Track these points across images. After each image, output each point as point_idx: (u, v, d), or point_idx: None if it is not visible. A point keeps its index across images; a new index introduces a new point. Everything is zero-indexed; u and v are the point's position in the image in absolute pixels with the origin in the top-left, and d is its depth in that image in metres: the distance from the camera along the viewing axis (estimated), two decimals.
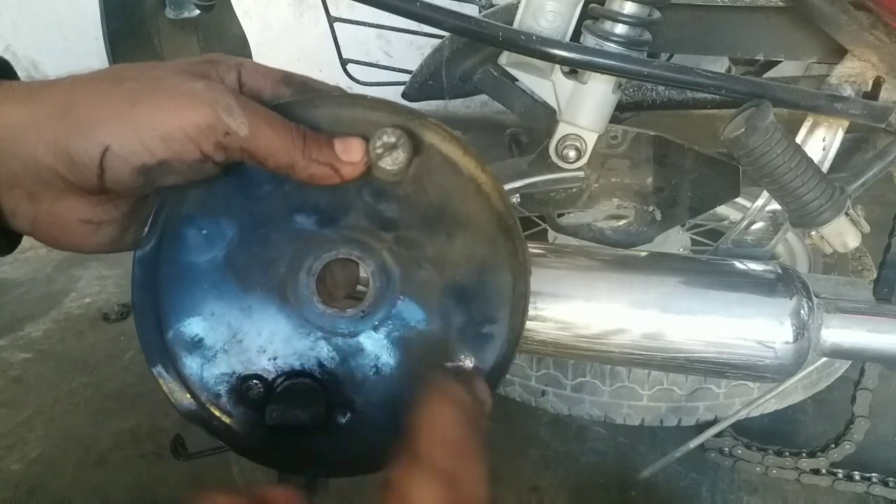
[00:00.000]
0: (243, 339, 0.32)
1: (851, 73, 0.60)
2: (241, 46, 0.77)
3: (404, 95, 0.70)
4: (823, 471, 0.99)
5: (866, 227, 0.59)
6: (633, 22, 0.54)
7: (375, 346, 0.33)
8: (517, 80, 0.63)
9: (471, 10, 1.24)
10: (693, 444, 0.97)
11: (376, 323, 0.33)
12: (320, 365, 0.32)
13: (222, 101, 0.30)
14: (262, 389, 0.32)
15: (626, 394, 1.03)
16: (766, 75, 0.81)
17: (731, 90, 0.54)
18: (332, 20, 0.88)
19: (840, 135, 0.60)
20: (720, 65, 0.85)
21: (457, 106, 2.52)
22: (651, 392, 1.02)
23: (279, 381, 0.32)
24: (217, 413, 0.32)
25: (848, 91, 0.59)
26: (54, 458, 1.10)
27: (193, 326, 0.32)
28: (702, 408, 1.04)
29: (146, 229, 0.32)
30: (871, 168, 0.61)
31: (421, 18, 0.51)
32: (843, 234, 0.59)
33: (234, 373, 0.32)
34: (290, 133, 0.30)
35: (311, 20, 2.55)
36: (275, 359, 0.32)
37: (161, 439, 1.14)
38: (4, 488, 1.07)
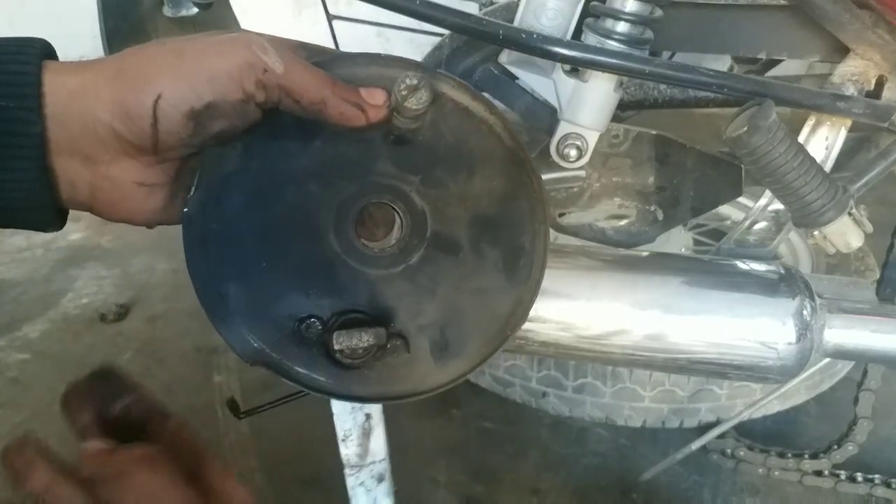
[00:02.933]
0: (294, 284, 0.35)
1: (854, 71, 0.59)
2: None
3: None
4: (826, 472, 0.98)
5: (869, 227, 0.59)
6: (635, 20, 0.54)
7: (416, 278, 0.36)
8: (518, 79, 0.62)
9: (471, 7, 1.24)
10: (695, 445, 0.97)
11: (414, 257, 0.36)
12: (369, 300, 0.35)
13: (257, 41, 0.33)
14: (319, 327, 0.34)
15: (627, 395, 1.02)
16: (769, 74, 0.81)
17: (733, 89, 0.53)
18: (331, 18, 0.87)
19: (843, 134, 0.60)
20: (722, 63, 0.85)
21: None
22: (653, 393, 1.01)
23: (334, 318, 0.35)
24: (280, 356, 0.34)
25: (851, 90, 0.59)
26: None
27: (246, 278, 0.34)
28: (704, 409, 1.03)
29: (192, 188, 0.34)
30: (873, 167, 0.60)
31: (421, 16, 0.50)
32: (846, 233, 0.58)
33: (290, 316, 0.35)
34: (320, 73, 0.34)
35: (310, 18, 2.55)
36: (326, 299, 0.35)
37: None
38: (2, 489, 1.06)
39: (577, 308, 0.58)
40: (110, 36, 0.62)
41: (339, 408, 0.40)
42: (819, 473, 0.98)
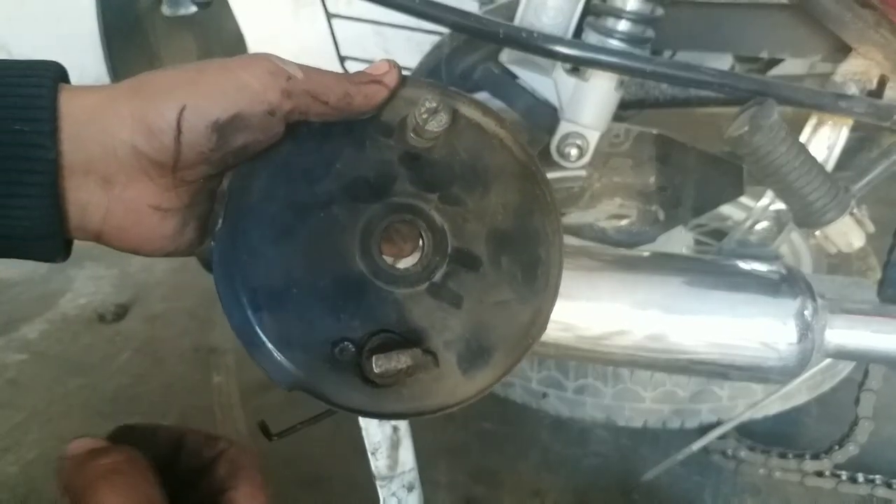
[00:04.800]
0: (326, 309, 0.35)
1: (856, 71, 0.59)
2: (237, 43, 0.76)
3: None
4: (827, 473, 0.98)
5: (871, 227, 0.59)
6: (637, 19, 0.54)
7: (440, 294, 0.37)
8: (518, 78, 0.62)
9: (471, 6, 1.23)
10: (696, 446, 0.96)
11: (437, 274, 0.37)
12: (398, 319, 0.36)
13: (274, 56, 0.34)
14: (352, 349, 0.35)
15: (628, 396, 1.02)
16: (770, 73, 0.81)
17: (734, 88, 0.53)
18: (329, 17, 0.87)
19: (844, 133, 0.60)
20: (724, 62, 0.85)
21: None
22: (654, 394, 1.01)
23: (366, 339, 0.35)
24: (317, 380, 0.35)
25: (853, 89, 0.59)
26: (50, 460, 1.09)
27: (278, 306, 0.35)
28: (705, 410, 1.03)
29: (220, 220, 0.35)
30: (875, 167, 0.60)
31: (421, 15, 0.50)
32: (848, 233, 0.58)
33: (324, 340, 0.35)
34: (332, 72, 0.35)
35: (309, 17, 2.54)
36: (357, 321, 0.36)
37: None
38: (1, 490, 1.06)
39: (577, 308, 0.57)
40: (108, 34, 0.61)
41: (367, 422, 0.41)
42: (820, 474, 0.98)
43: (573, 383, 1.03)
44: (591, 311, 0.57)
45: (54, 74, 0.32)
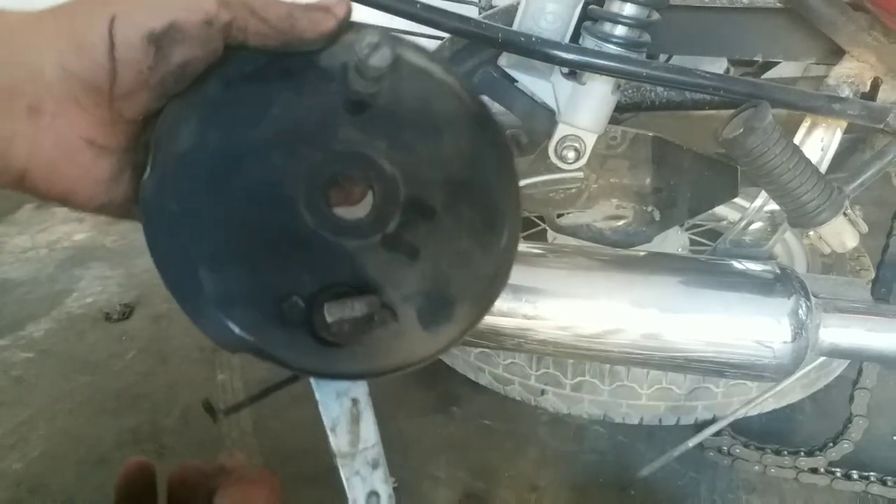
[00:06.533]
0: (270, 263, 0.33)
1: (849, 73, 0.60)
2: None
3: None
4: (822, 470, 0.99)
5: (864, 228, 0.60)
6: (633, 23, 0.55)
7: (395, 246, 0.35)
8: (517, 81, 0.63)
9: (470, 11, 1.24)
10: (692, 442, 0.97)
11: (391, 224, 0.35)
12: (350, 272, 0.34)
13: None
14: (302, 305, 0.33)
15: (625, 393, 1.03)
16: (765, 76, 0.82)
17: (729, 91, 0.54)
18: None
19: (838, 135, 0.61)
20: (719, 66, 0.86)
21: None
22: (650, 391, 1.02)
23: (317, 293, 0.33)
24: (264, 340, 0.33)
25: (846, 92, 0.59)
26: (56, 457, 1.10)
27: (217, 261, 0.32)
28: (700, 407, 1.04)
29: (147, 168, 0.32)
30: (869, 168, 0.61)
31: (421, 20, 0.51)
32: (841, 234, 0.59)
33: (270, 296, 0.33)
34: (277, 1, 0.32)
35: None
36: (306, 276, 0.33)
37: (162, 439, 1.15)
38: (6, 487, 1.07)
39: (575, 307, 0.58)
40: None
41: (323, 395, 0.38)
42: (815, 471, 0.99)
43: (571, 380, 1.04)
44: (589, 309, 0.58)
45: None
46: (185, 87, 0.31)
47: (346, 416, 0.40)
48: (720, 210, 1.33)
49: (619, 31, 0.55)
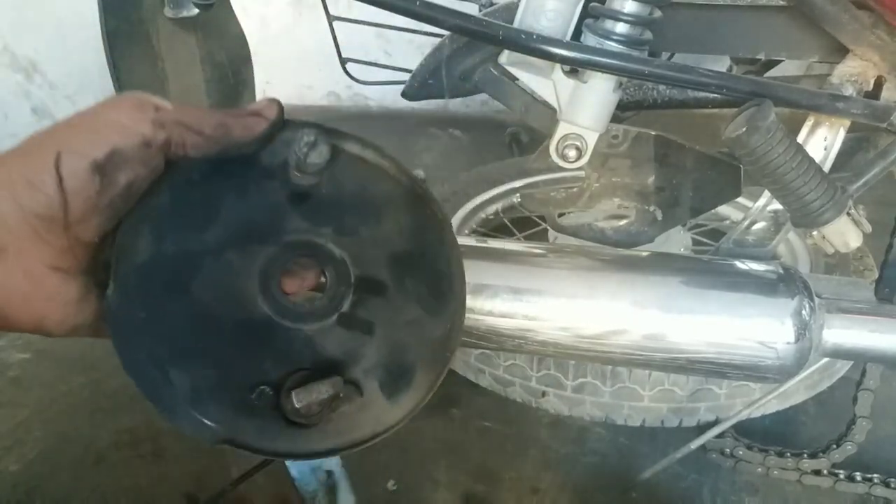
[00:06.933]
0: (236, 356, 0.35)
1: (853, 72, 0.60)
2: (240, 46, 0.76)
3: (404, 94, 0.70)
4: (825, 472, 0.98)
5: (868, 227, 0.59)
6: (634, 21, 0.54)
7: (351, 323, 0.37)
8: (517, 79, 0.63)
9: (471, 8, 1.24)
10: (694, 444, 0.97)
11: (345, 304, 0.37)
12: (313, 355, 0.36)
13: (139, 92, 0.34)
14: (271, 392, 0.34)
15: (627, 395, 1.02)
16: (768, 75, 0.81)
17: (732, 89, 0.53)
18: (331, 19, 0.87)
19: (841, 134, 0.60)
20: (721, 64, 0.85)
21: (457, 105, 2.52)
22: (652, 393, 1.01)
23: (283, 380, 0.35)
24: (238, 430, 0.34)
25: (849, 90, 0.59)
26: (52, 458, 1.10)
27: (185, 361, 0.34)
28: (703, 409, 1.03)
29: (111, 283, 0.34)
30: (872, 168, 0.61)
31: (421, 17, 0.51)
32: (845, 233, 0.58)
33: (239, 387, 0.34)
34: (208, 109, 0.35)
35: (311, 19, 2.55)
36: (270, 364, 0.35)
37: (159, 440, 1.14)
38: (3, 489, 1.06)
39: (576, 308, 0.58)
40: (111, 37, 0.62)
41: (298, 472, 0.41)
42: (818, 473, 0.98)
43: (572, 382, 1.04)
44: (590, 310, 0.58)
45: None
46: (133, 204, 0.33)
47: (321, 488, 0.42)
48: (723, 210, 1.32)
49: (621, 28, 0.54)
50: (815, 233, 0.59)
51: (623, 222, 0.70)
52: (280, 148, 0.36)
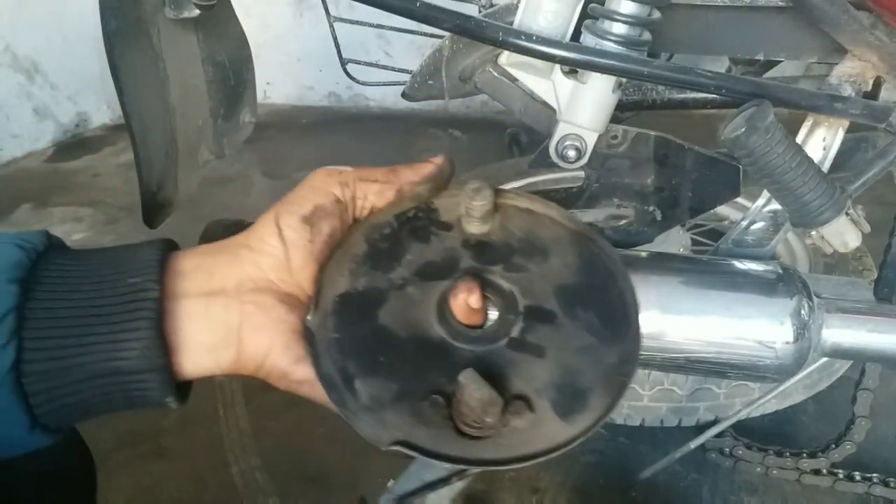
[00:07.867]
0: (413, 370, 0.39)
1: (852, 72, 0.60)
2: (241, 47, 0.76)
3: (404, 95, 0.70)
4: (824, 471, 0.98)
5: (867, 227, 0.59)
6: (633, 22, 0.54)
7: (521, 347, 0.40)
8: (517, 80, 0.63)
9: (471, 9, 1.24)
10: (693, 444, 0.97)
11: (514, 330, 0.40)
12: (484, 371, 0.38)
13: (328, 166, 0.43)
14: (444, 402, 0.38)
15: (626, 394, 1.02)
16: (766, 75, 0.81)
17: (731, 90, 0.54)
18: (332, 20, 0.88)
19: (840, 135, 0.60)
20: (720, 65, 0.85)
21: (457, 106, 2.52)
22: (651, 392, 1.02)
23: (456, 392, 0.38)
24: (413, 436, 0.37)
25: (848, 91, 0.59)
26: None
27: (369, 374, 0.39)
28: (702, 408, 1.04)
29: (312, 309, 0.41)
30: (871, 168, 0.61)
31: (421, 18, 0.51)
32: (844, 233, 0.58)
33: (415, 397, 0.38)
34: (379, 167, 0.44)
35: (312, 20, 2.55)
36: (445, 378, 0.39)
37: (161, 440, 1.14)
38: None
39: None
40: (111, 37, 0.62)
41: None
42: (817, 472, 0.98)
43: None
44: None
45: (164, 245, 0.39)
46: (332, 250, 0.42)
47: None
48: (722, 210, 1.32)
49: (620, 29, 0.55)
50: (813, 233, 0.59)
51: (622, 222, 0.70)
52: (453, 206, 0.43)
